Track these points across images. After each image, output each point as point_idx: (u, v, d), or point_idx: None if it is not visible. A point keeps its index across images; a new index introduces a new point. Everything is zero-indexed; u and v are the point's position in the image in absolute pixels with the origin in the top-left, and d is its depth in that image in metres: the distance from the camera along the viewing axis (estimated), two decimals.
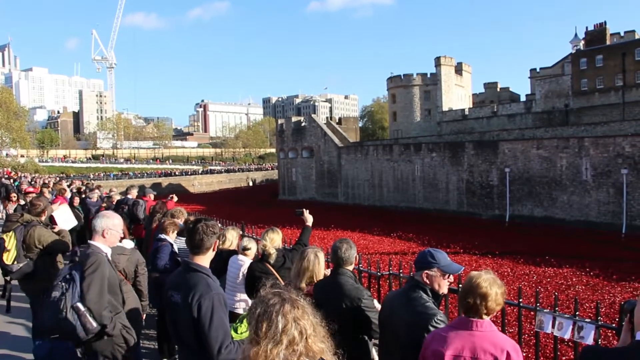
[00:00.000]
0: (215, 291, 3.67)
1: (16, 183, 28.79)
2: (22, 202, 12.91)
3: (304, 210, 6.81)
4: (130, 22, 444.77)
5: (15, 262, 6.56)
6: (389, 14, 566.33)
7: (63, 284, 4.50)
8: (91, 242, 4.84)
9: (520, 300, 5.08)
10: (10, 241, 6.77)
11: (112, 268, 4.86)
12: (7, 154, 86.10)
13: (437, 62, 74.17)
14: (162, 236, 7.01)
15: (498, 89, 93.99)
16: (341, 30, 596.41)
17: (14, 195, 9.51)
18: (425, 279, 3.74)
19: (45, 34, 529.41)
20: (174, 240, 7.03)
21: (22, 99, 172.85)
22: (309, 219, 6.65)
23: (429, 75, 75.08)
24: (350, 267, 4.68)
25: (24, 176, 40.95)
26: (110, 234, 4.90)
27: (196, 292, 3.61)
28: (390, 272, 6.50)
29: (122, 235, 6.11)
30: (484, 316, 3.21)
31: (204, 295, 3.60)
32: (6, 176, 34.80)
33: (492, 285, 3.24)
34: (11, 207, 9.27)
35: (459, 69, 78.61)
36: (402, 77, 76.72)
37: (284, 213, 38.33)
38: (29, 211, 7.41)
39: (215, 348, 3.51)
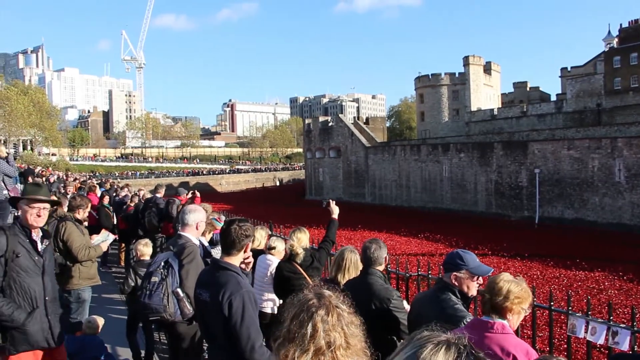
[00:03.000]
0: (245, 289, 3.70)
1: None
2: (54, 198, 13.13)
3: (330, 200, 6.77)
4: (160, 23, 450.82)
5: None
6: (416, 14, 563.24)
7: (162, 270, 4.80)
8: (183, 233, 5.22)
9: (552, 303, 4.95)
10: None
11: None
12: (39, 153, 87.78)
13: (466, 61, 73.39)
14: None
15: (528, 89, 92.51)
16: (368, 31, 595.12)
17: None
18: (454, 280, 3.68)
19: (77, 36, 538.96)
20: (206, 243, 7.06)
21: (54, 98, 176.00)
22: (335, 211, 6.59)
23: (457, 75, 74.34)
24: (380, 268, 4.65)
25: (54, 174, 41.60)
26: (201, 225, 5.39)
27: (227, 290, 3.64)
28: (419, 273, 6.41)
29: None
30: (502, 317, 3.13)
31: (234, 293, 3.62)
32: (39, 174, 35.36)
33: (509, 283, 3.18)
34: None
35: (487, 69, 77.76)
36: (430, 76, 76.13)
37: (311, 213, 38.36)
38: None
39: (247, 345, 3.53)
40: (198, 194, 10.72)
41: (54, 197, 4.70)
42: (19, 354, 3.98)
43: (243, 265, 4.05)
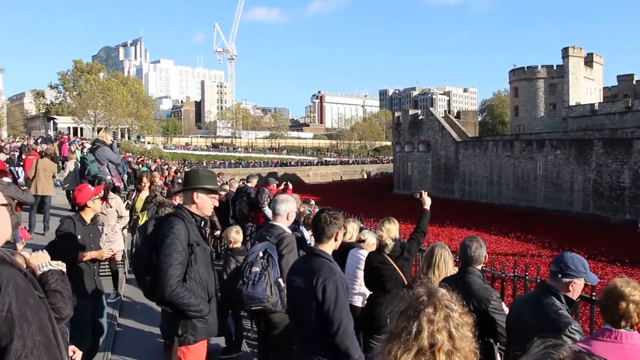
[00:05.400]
0: (338, 275, 3.76)
1: (144, 168, 30.56)
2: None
3: (422, 191, 6.67)
4: (253, 16, 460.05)
5: None
6: (510, 4, 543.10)
7: (262, 260, 4.86)
8: (275, 223, 5.35)
9: None
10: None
11: None
12: (135, 141, 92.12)
13: (565, 53, 69.85)
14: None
15: (634, 82, 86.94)
16: (461, 22, 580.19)
17: (145, 182, 9.97)
18: (559, 285, 3.48)
19: (173, 29, 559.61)
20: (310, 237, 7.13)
21: (150, 89, 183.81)
22: (427, 202, 6.46)
23: (555, 68, 70.98)
24: (479, 267, 4.52)
25: (152, 161, 43.52)
26: (292, 215, 5.48)
27: (320, 276, 3.69)
28: (515, 274, 6.18)
29: None
30: (627, 326, 2.95)
31: (327, 279, 3.67)
32: (135, 162, 37.11)
33: (635, 289, 2.99)
34: (144, 193, 9.81)
35: (588, 60, 73.74)
36: (526, 69, 73.21)
37: (399, 207, 38.04)
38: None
39: (339, 330, 3.57)
40: (290, 186, 10.86)
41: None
42: (196, 344, 4.11)
43: None
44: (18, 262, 2.43)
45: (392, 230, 5.97)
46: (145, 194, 9.79)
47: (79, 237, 5.61)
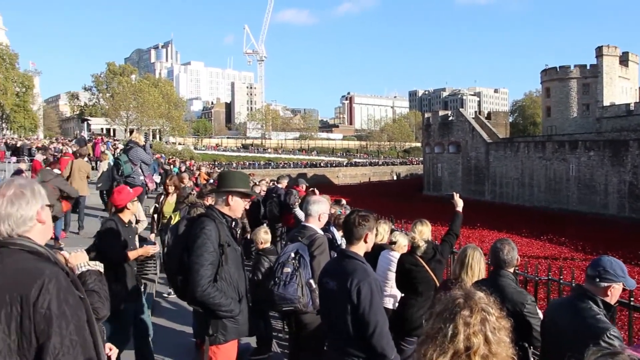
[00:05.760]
0: (372, 277, 3.76)
1: (175, 169, 30.88)
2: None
3: (454, 193, 6.66)
4: (282, 17, 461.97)
5: None
6: (543, 3, 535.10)
7: (294, 261, 4.88)
8: (307, 224, 5.37)
9: None
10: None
11: None
12: (166, 142, 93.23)
13: (599, 52, 68.50)
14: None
15: None
16: (491, 22, 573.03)
17: (170, 186, 10.01)
18: (597, 289, 3.41)
19: (203, 31, 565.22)
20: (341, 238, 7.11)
21: (181, 90, 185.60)
22: (459, 203, 6.43)
23: (588, 67, 69.72)
24: (511, 270, 4.45)
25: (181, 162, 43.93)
26: (324, 217, 5.48)
27: (354, 278, 3.68)
28: (549, 277, 6.08)
29: None
30: None
31: (362, 280, 3.66)
32: (167, 163, 37.50)
33: None
34: (172, 197, 9.87)
35: (624, 59, 72.20)
36: (558, 69, 72.08)
37: (428, 208, 37.79)
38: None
39: (375, 332, 3.57)
40: (317, 192, 10.88)
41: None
42: (227, 343, 4.15)
43: None
44: (60, 261, 2.48)
45: (424, 232, 5.93)
46: (173, 198, 9.77)
47: (122, 237, 5.69)
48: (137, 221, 8.63)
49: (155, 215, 9.89)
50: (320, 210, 5.37)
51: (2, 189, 2.40)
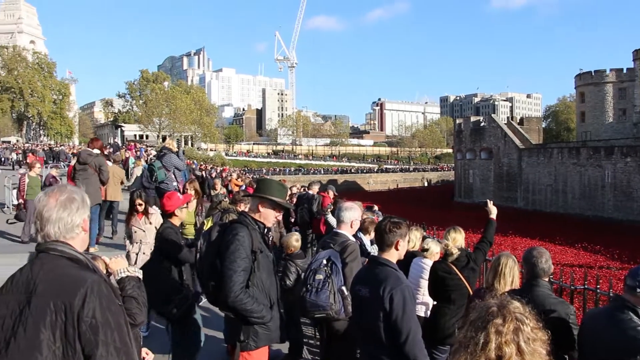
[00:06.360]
0: (405, 284, 3.74)
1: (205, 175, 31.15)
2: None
3: (488, 201, 6.60)
4: (313, 24, 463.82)
5: None
6: (578, 6, 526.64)
7: (326, 268, 4.88)
8: (339, 230, 5.36)
9: None
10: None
11: None
12: (198, 148, 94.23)
13: (636, 55, 66.93)
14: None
15: None
16: (524, 26, 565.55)
17: (190, 189, 9.61)
18: (637, 300, 3.31)
19: (235, 38, 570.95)
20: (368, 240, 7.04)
21: (213, 97, 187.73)
22: (493, 211, 6.35)
23: (625, 71, 68.40)
24: (546, 279, 4.34)
25: (213, 168, 44.31)
26: (356, 223, 5.47)
27: (387, 285, 3.67)
28: (586, 286, 5.94)
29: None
30: None
31: (395, 287, 3.64)
32: (199, 169, 37.84)
33: None
34: (192, 205, 9.72)
35: None
36: (593, 73, 70.89)
37: (460, 215, 37.43)
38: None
39: (408, 339, 3.55)
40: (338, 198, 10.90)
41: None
42: (258, 349, 4.16)
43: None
44: (99, 268, 2.53)
45: (457, 239, 5.87)
46: (192, 205, 8.79)
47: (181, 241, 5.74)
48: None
49: None
50: (352, 217, 5.35)
51: (55, 193, 2.46)
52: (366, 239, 6.88)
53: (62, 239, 2.40)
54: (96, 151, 11.23)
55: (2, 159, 44.52)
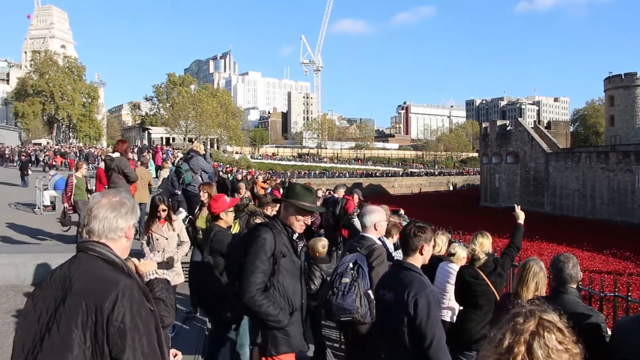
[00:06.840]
0: (430, 288, 3.73)
1: (231, 177, 31.36)
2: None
3: (515, 205, 6.54)
4: (339, 28, 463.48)
5: None
6: (606, 10, 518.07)
7: (352, 272, 4.87)
8: (365, 234, 5.36)
9: None
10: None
11: None
12: (224, 150, 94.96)
13: None
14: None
15: None
16: (552, 29, 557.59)
17: (204, 192, 9.15)
18: None
19: (261, 42, 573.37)
20: (391, 244, 7.01)
21: (238, 100, 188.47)
22: (521, 216, 6.30)
23: None
24: (574, 286, 4.25)
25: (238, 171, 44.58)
26: (380, 226, 5.41)
27: (412, 290, 3.66)
28: (616, 294, 5.83)
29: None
30: None
31: (419, 292, 3.64)
32: (224, 171, 38.13)
33: None
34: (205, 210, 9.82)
35: None
36: (623, 76, 69.74)
37: (486, 220, 37.08)
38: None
39: (432, 343, 3.54)
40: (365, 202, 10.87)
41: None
42: (280, 356, 4.11)
43: None
44: (134, 272, 2.58)
45: (485, 244, 5.83)
46: (205, 211, 7.86)
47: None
48: (181, 242, 7.66)
49: (190, 229, 8.26)
50: (374, 220, 5.33)
51: (109, 194, 2.58)
52: (389, 243, 6.86)
53: (103, 239, 2.47)
54: (116, 154, 11.27)
55: (36, 161, 45.33)
